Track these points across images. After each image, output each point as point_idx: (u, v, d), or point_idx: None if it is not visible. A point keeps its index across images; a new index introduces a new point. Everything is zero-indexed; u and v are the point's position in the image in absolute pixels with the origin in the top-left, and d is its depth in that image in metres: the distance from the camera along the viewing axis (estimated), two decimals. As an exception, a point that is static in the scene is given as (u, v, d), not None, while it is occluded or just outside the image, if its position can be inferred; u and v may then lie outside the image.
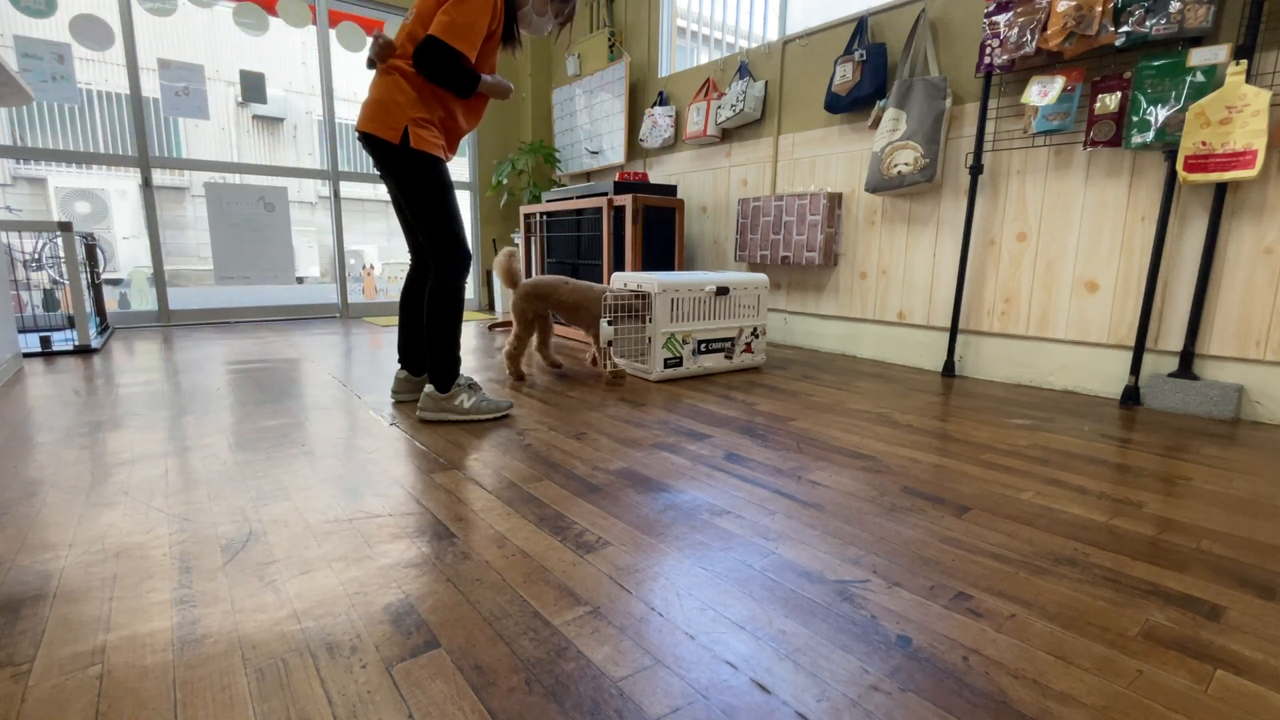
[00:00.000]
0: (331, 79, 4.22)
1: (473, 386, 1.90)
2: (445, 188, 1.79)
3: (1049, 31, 2.08)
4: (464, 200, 5.15)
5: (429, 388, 1.84)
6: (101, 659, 0.76)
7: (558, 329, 3.69)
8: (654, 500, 1.27)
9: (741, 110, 3.24)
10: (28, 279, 3.70)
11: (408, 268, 2.05)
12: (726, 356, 2.57)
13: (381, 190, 12.84)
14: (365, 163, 12.94)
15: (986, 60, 2.28)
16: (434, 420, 1.85)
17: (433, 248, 1.81)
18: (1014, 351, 2.45)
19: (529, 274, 3.98)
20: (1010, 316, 2.45)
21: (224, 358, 2.81)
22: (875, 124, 2.75)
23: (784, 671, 0.75)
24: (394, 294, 8.06)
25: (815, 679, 0.74)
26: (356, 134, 1.83)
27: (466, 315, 4.69)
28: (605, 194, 3.18)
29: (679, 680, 0.73)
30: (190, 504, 1.23)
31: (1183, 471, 1.47)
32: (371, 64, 1.81)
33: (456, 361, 1.85)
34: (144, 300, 5.29)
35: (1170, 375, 2.04)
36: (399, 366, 2.08)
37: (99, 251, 3.59)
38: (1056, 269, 2.30)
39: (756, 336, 2.64)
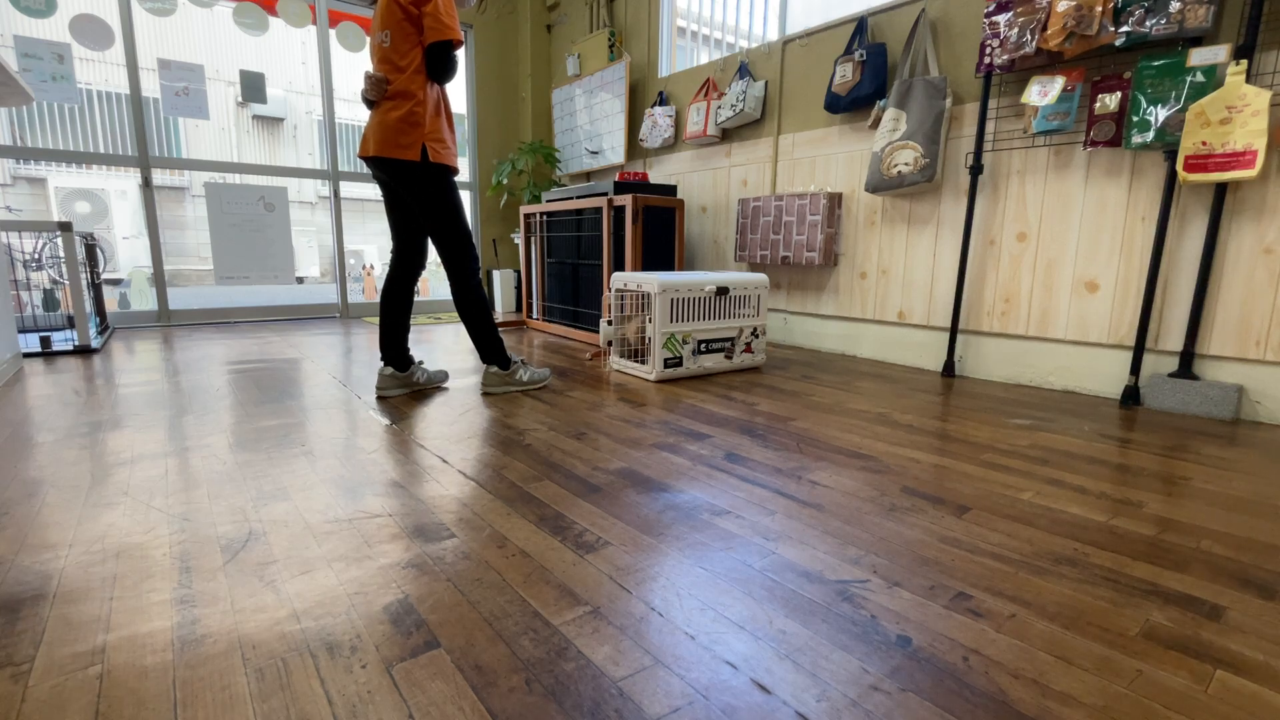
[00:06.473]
0: (331, 79, 4.22)
1: (524, 362, 2.24)
2: (457, 198, 2.01)
3: (1049, 31, 2.08)
4: (464, 200, 5.15)
5: (493, 368, 2.16)
6: (101, 659, 0.76)
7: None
8: (654, 500, 1.27)
9: (741, 110, 3.24)
10: (28, 279, 3.69)
11: (388, 267, 2.13)
12: (726, 356, 2.57)
13: (381, 190, 12.83)
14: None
15: (986, 60, 2.28)
16: (500, 394, 2.16)
17: (450, 255, 2.03)
18: (1014, 351, 2.45)
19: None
20: (1010, 316, 2.44)
21: (224, 358, 2.81)
22: (875, 124, 2.75)
23: (784, 671, 0.75)
24: (394, 294, 8.04)
25: (815, 679, 0.74)
26: (364, 159, 1.90)
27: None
28: (605, 194, 3.18)
29: (679, 680, 0.73)
30: (190, 504, 1.23)
31: (1183, 471, 1.47)
32: (371, 103, 1.91)
33: (502, 341, 2.16)
34: (144, 300, 5.29)
35: (1170, 375, 2.04)
36: (382, 364, 2.11)
37: (99, 251, 3.59)
38: (1056, 269, 2.30)
39: (756, 336, 2.64)
